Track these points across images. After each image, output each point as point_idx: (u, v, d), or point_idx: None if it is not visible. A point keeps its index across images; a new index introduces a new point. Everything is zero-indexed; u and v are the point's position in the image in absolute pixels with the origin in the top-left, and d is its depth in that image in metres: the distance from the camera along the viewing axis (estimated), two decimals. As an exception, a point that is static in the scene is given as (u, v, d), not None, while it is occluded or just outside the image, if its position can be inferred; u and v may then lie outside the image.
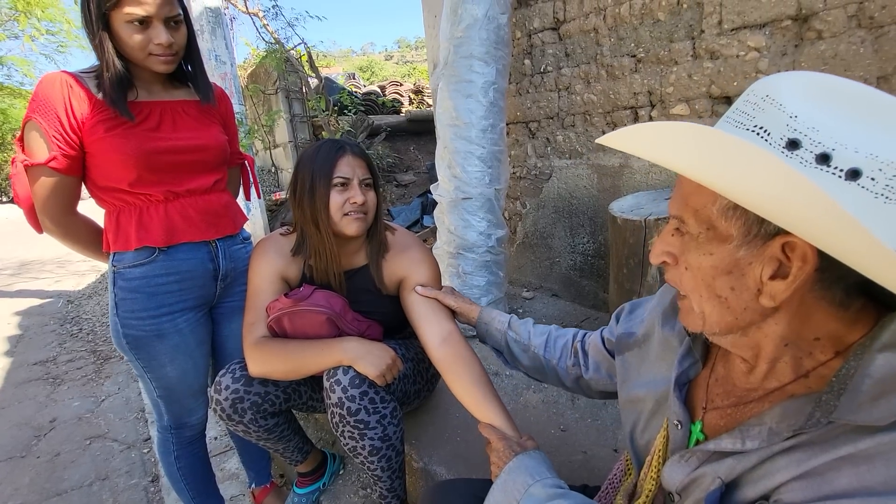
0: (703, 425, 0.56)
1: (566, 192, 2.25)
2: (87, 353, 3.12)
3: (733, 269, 0.45)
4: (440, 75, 1.96)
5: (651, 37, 1.74)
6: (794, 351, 0.47)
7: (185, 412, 1.27)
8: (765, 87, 0.42)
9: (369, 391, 1.06)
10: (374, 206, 1.16)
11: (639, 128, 0.44)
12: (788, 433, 0.43)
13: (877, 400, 0.39)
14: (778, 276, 0.43)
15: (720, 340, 0.52)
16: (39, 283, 5.07)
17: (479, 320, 1.07)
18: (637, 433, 0.68)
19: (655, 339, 0.69)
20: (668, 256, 0.50)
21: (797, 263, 0.41)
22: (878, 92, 0.39)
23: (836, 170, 0.37)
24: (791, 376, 0.48)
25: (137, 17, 0.98)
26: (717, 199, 0.44)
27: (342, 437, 1.08)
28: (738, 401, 0.53)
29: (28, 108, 1.02)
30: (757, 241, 0.43)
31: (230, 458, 1.87)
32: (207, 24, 3.40)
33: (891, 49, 1.21)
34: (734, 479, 0.47)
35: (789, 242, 0.41)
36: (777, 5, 1.38)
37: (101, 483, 1.83)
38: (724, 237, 0.44)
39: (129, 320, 1.13)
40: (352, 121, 4.70)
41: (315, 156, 1.12)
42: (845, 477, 0.38)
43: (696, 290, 0.48)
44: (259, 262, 1.20)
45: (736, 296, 0.46)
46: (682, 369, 0.59)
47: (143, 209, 1.10)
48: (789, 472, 0.42)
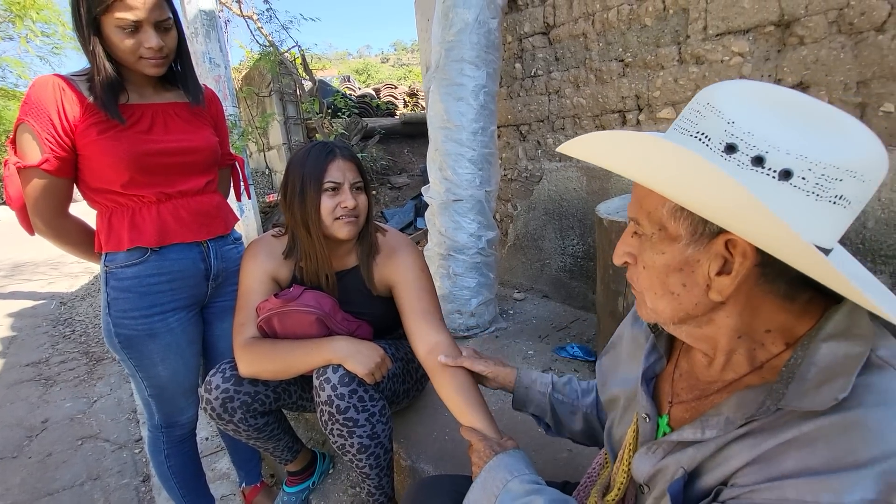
0: (669, 419, 0.59)
1: (556, 195, 2.27)
2: (79, 354, 3.11)
3: (684, 266, 0.48)
4: (432, 78, 1.98)
5: (638, 42, 1.77)
6: (748, 343, 0.50)
7: (175, 411, 1.28)
8: (707, 96, 0.45)
9: (358, 389, 1.07)
10: (365, 209, 1.17)
11: (592, 136, 0.47)
12: (742, 421, 0.45)
13: (820, 387, 0.41)
14: (723, 271, 0.46)
15: (676, 332, 0.54)
16: (32, 285, 5.06)
17: (517, 385, 0.96)
18: (613, 429, 0.70)
19: (626, 338, 0.72)
20: (629, 257, 0.53)
21: (738, 259, 0.44)
22: (809, 98, 0.42)
23: (770, 171, 0.40)
24: (747, 368, 0.51)
25: (128, 21, 0.99)
26: (665, 202, 0.47)
27: (331, 434, 1.09)
28: (701, 394, 0.56)
29: (20, 110, 1.03)
30: (703, 239, 0.46)
31: (221, 458, 1.88)
32: (202, 26, 3.41)
33: (870, 55, 1.24)
34: (695, 467, 0.49)
35: (731, 240, 0.44)
36: (760, 11, 1.41)
37: (92, 483, 1.84)
38: (674, 237, 0.47)
39: (121, 320, 1.14)
40: (346, 123, 4.72)
41: (305, 159, 1.12)
42: (791, 459, 0.41)
43: (651, 287, 0.51)
44: (250, 263, 1.21)
45: (687, 291, 0.48)
46: (648, 364, 0.62)
47: (135, 210, 1.12)
48: (743, 458, 0.44)
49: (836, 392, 0.40)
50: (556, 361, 1.76)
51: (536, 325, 2.10)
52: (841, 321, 0.44)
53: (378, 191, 4.72)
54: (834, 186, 0.40)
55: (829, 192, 0.40)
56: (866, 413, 0.39)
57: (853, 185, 0.40)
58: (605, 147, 0.47)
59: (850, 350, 0.42)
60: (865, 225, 1.29)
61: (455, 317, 2.01)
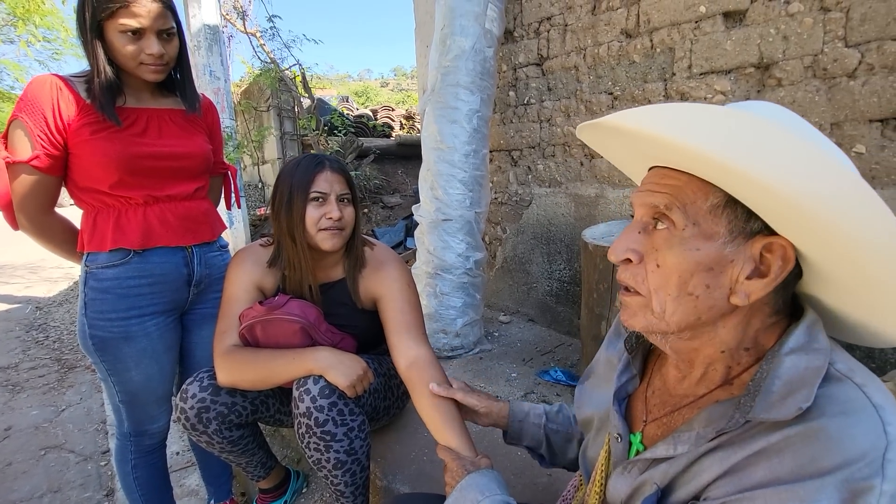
0: (642, 436, 0.59)
1: (545, 220, 2.31)
2: (51, 361, 3.02)
3: (715, 265, 0.46)
4: (427, 100, 2.03)
5: (627, 77, 1.85)
6: (727, 359, 0.50)
7: (146, 419, 1.24)
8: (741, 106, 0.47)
9: (338, 402, 1.06)
10: (351, 222, 1.17)
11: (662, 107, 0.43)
12: (713, 434, 0.46)
13: (785, 398, 0.42)
14: (754, 276, 0.45)
15: (663, 342, 0.52)
16: (9, 288, 4.92)
17: (511, 419, 0.92)
18: (587, 450, 0.70)
19: (601, 361, 0.72)
20: (633, 254, 0.50)
21: (778, 262, 0.44)
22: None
23: None
24: (719, 382, 0.51)
25: (131, 28, 1.01)
26: (709, 195, 0.45)
27: (307, 448, 1.07)
28: (672, 409, 0.56)
29: (15, 107, 1.04)
30: (740, 239, 0.45)
31: (191, 474, 1.81)
32: (205, 40, 3.48)
33: (842, 98, 1.31)
34: (668, 483, 0.50)
35: (770, 243, 0.44)
36: (741, 54, 1.49)
37: (52, 496, 1.75)
38: (709, 234, 0.46)
39: (97, 321, 1.12)
40: (342, 141, 4.78)
41: (295, 170, 1.14)
42: (761, 470, 0.41)
43: (665, 287, 0.48)
44: (235, 271, 1.21)
45: (709, 294, 0.46)
46: (620, 384, 0.62)
47: (121, 211, 1.11)
48: (714, 471, 0.45)
49: (799, 402, 0.41)
50: (538, 385, 1.75)
51: (521, 349, 2.10)
52: (801, 336, 0.45)
53: (370, 210, 4.75)
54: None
55: None
56: (828, 422, 0.40)
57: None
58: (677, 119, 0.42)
59: (810, 363, 0.43)
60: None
61: (440, 336, 2.00)
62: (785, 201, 0.39)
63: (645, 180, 0.52)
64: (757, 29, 1.45)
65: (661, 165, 0.50)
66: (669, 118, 0.43)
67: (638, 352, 0.63)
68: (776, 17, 1.40)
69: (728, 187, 0.44)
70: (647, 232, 0.49)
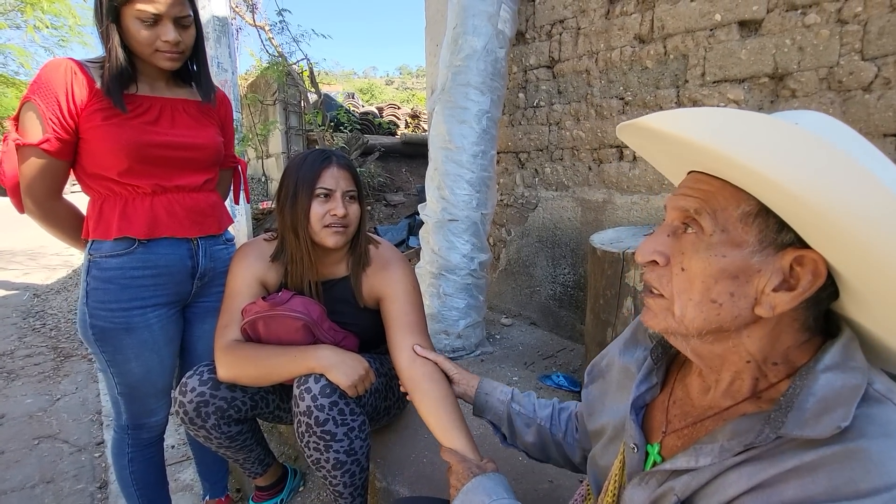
0: (661, 447, 0.58)
1: (550, 223, 2.30)
2: (47, 349, 3.00)
3: (740, 274, 0.45)
4: (437, 100, 2.02)
5: (639, 82, 1.84)
6: (754, 371, 0.49)
7: (145, 412, 1.23)
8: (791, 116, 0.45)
9: (339, 402, 1.04)
10: (356, 219, 1.16)
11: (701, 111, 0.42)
12: (739, 448, 0.45)
13: (820, 416, 0.41)
14: (781, 288, 0.44)
15: (686, 345, 0.52)
16: (7, 274, 4.90)
17: (478, 391, 0.98)
18: (597, 459, 0.68)
19: (616, 368, 0.70)
20: (660, 256, 0.50)
21: (808, 277, 0.43)
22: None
23: None
24: (747, 395, 0.50)
25: (148, 14, 1.00)
26: (740, 203, 0.45)
27: (307, 447, 1.05)
28: (694, 420, 0.55)
29: (28, 89, 1.03)
30: (770, 250, 0.44)
31: (186, 468, 1.80)
32: (213, 31, 3.46)
33: (857, 112, 1.30)
34: (689, 496, 0.48)
35: (801, 256, 0.43)
36: (756, 63, 1.48)
37: (44, 486, 1.74)
38: (738, 242, 0.45)
39: (98, 311, 1.10)
40: (346, 138, 4.76)
41: (301, 164, 1.13)
42: (792, 488, 0.40)
43: (688, 292, 0.47)
44: (239, 266, 1.19)
45: (733, 302, 0.46)
46: (639, 393, 0.61)
47: (128, 199, 1.10)
48: (740, 486, 0.43)
49: (837, 421, 0.39)
50: (540, 390, 1.74)
51: (522, 352, 2.09)
52: (838, 353, 0.44)
53: (373, 207, 4.74)
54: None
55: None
56: (869, 444, 0.39)
57: None
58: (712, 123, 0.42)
59: (847, 381, 0.42)
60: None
61: (441, 337, 1.99)
62: (819, 215, 0.38)
63: (681, 184, 0.51)
64: (772, 39, 1.44)
65: (698, 171, 0.50)
66: (704, 122, 0.42)
67: (663, 362, 0.62)
68: (792, 28, 1.40)
69: (761, 196, 0.43)
70: (676, 235, 0.49)
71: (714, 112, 0.41)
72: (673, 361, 0.63)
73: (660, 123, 0.46)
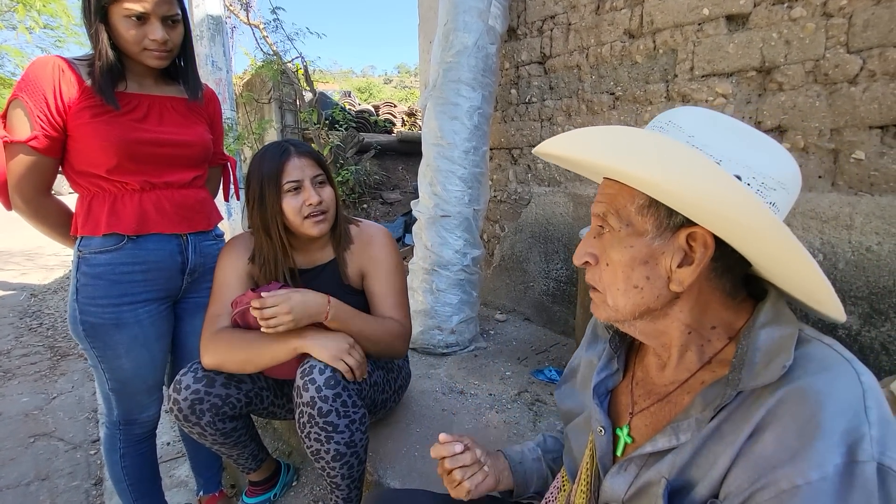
0: (629, 429, 0.59)
1: (543, 219, 2.30)
2: (43, 348, 3.00)
3: (649, 259, 0.52)
4: (429, 96, 2.02)
5: (629, 77, 1.84)
6: (697, 339, 0.55)
7: (136, 408, 1.23)
8: (668, 116, 0.53)
9: (343, 393, 1.05)
10: (332, 202, 1.16)
11: (575, 133, 0.51)
12: (711, 414, 0.49)
13: (768, 365, 0.46)
14: (684, 263, 0.51)
15: (632, 329, 0.57)
16: (4, 275, 4.90)
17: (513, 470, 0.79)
18: (571, 450, 0.70)
19: (582, 364, 0.74)
20: (590, 257, 0.56)
21: (700, 249, 0.49)
22: (742, 122, 0.51)
23: None
24: (697, 364, 0.55)
25: (136, 12, 1.01)
26: (634, 198, 0.52)
27: (307, 438, 1.06)
28: (658, 398, 0.58)
29: (16, 86, 1.03)
30: (667, 233, 0.51)
31: (181, 465, 1.80)
32: (207, 30, 3.46)
33: (843, 104, 1.31)
34: (679, 475, 0.50)
35: (692, 233, 0.50)
36: (743, 57, 1.48)
37: (39, 483, 1.74)
38: (641, 232, 0.52)
39: (88, 307, 1.11)
40: (342, 136, 4.76)
41: (262, 162, 1.12)
42: (770, 443, 0.44)
43: (614, 282, 0.54)
44: (227, 258, 1.21)
45: (650, 284, 0.52)
46: (599, 379, 0.65)
47: (117, 196, 1.11)
48: (727, 458, 0.46)
49: (782, 362, 0.45)
50: (532, 384, 1.75)
51: (516, 347, 2.10)
52: (770, 311, 0.51)
53: (370, 205, 4.74)
54: (770, 194, 0.47)
55: (767, 199, 0.47)
56: (813, 379, 0.44)
57: (783, 195, 0.48)
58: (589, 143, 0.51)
59: (783, 332, 0.48)
60: (836, 266, 1.33)
61: (435, 333, 2.00)
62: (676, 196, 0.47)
63: (598, 192, 0.58)
64: (759, 33, 1.44)
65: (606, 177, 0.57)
66: (580, 140, 0.52)
67: (622, 349, 0.66)
68: (779, 22, 1.40)
69: (643, 190, 0.50)
70: (599, 237, 0.56)
71: (585, 132, 0.50)
72: (631, 348, 0.67)
73: (548, 148, 0.54)
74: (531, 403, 1.61)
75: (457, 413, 1.56)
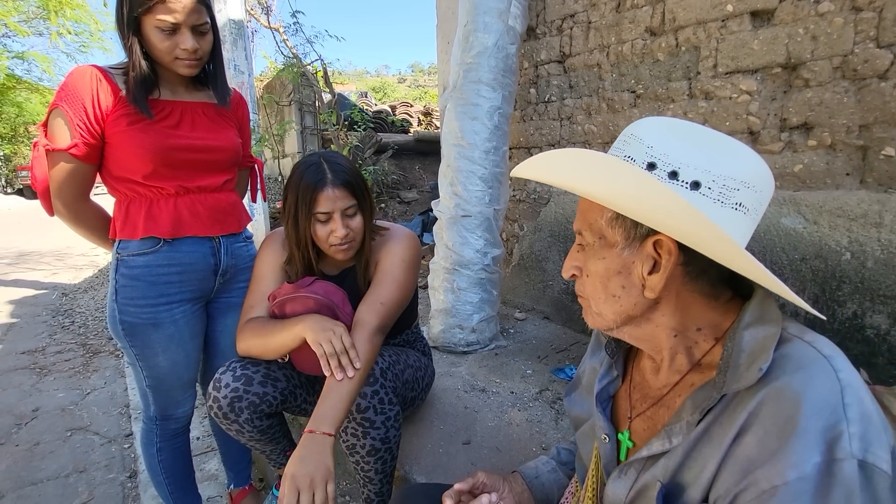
0: (630, 433, 0.61)
1: (563, 218, 2.30)
2: (76, 345, 3.12)
3: (622, 269, 0.54)
4: (449, 97, 2.04)
5: (650, 75, 1.83)
6: (684, 341, 0.56)
7: (171, 404, 1.28)
8: (629, 129, 0.55)
9: (380, 391, 1.09)
10: (360, 231, 1.18)
11: (541, 157, 0.54)
12: (699, 417, 0.50)
13: (749, 367, 0.47)
14: (654, 271, 0.52)
15: (621, 334, 0.59)
16: (36, 275, 5.08)
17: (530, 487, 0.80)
18: (581, 456, 0.72)
19: (587, 371, 0.75)
20: (576, 269, 0.59)
21: (665, 256, 0.51)
22: (706, 128, 0.52)
23: (683, 182, 0.49)
24: (687, 366, 0.56)
25: (167, 23, 1.04)
26: (603, 213, 0.54)
27: (344, 433, 1.09)
28: (653, 401, 0.59)
29: (56, 96, 1.07)
30: (635, 243, 0.53)
31: (210, 459, 1.86)
32: (230, 35, 3.53)
33: (872, 100, 1.28)
34: (673, 478, 0.51)
35: (658, 240, 0.51)
36: (768, 53, 1.46)
37: (77, 475, 1.82)
38: (612, 243, 0.54)
39: (128, 307, 1.16)
40: (360, 136, 4.81)
41: (299, 183, 1.14)
42: (751, 444, 0.44)
43: (595, 293, 0.57)
44: (265, 253, 1.26)
45: (626, 293, 0.54)
46: (601, 386, 0.66)
47: (153, 201, 1.15)
48: (714, 461, 0.47)
49: (760, 364, 0.46)
50: (553, 382, 1.76)
51: (536, 346, 2.10)
52: (755, 311, 0.51)
53: (387, 204, 4.78)
54: (734, 195, 0.48)
55: (731, 200, 0.48)
56: (790, 379, 0.45)
57: (749, 195, 0.49)
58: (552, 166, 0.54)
59: (766, 332, 0.49)
60: (865, 265, 1.31)
61: (456, 331, 2.02)
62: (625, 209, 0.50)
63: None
64: (785, 28, 1.42)
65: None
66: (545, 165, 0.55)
67: (619, 354, 0.67)
68: (805, 17, 1.38)
69: (606, 204, 0.53)
70: (582, 250, 0.59)
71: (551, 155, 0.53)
72: (629, 353, 0.68)
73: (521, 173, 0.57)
74: (552, 402, 1.62)
75: (479, 411, 1.58)
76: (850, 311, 1.35)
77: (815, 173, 1.42)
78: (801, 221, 1.42)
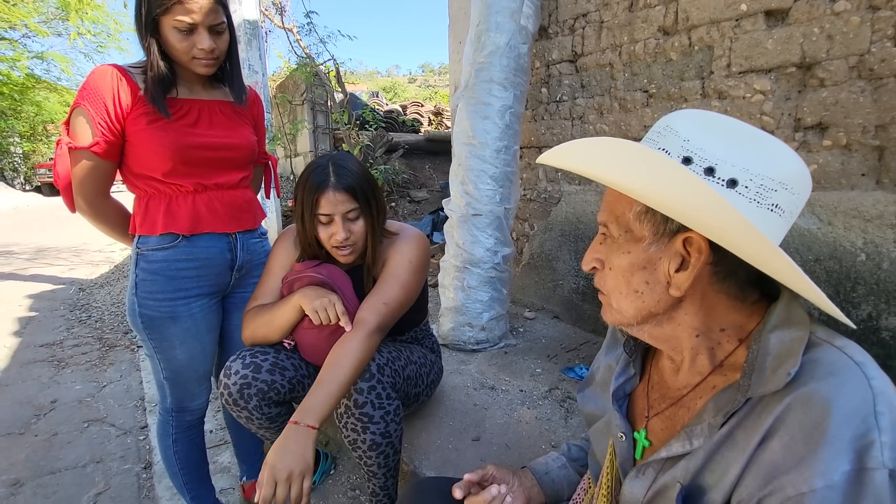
0: (647, 432, 0.60)
1: (573, 217, 2.30)
2: (93, 339, 3.18)
3: (647, 264, 0.52)
4: (460, 96, 2.05)
5: (663, 74, 1.83)
6: (706, 341, 0.54)
7: (187, 396, 1.31)
8: (665, 121, 0.53)
9: (377, 386, 1.11)
10: (361, 236, 1.19)
11: (572, 144, 0.51)
12: (722, 420, 0.49)
13: (776, 370, 0.45)
14: (681, 268, 0.51)
15: (640, 333, 0.58)
16: (53, 270, 5.19)
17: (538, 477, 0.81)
18: (594, 453, 0.72)
19: (602, 368, 0.74)
20: (597, 262, 0.57)
21: (695, 255, 0.50)
22: (745, 123, 0.50)
23: (720, 179, 0.47)
24: (709, 367, 0.54)
25: (185, 23, 1.06)
26: (632, 206, 0.52)
27: (344, 428, 1.11)
28: (672, 401, 0.58)
29: (78, 95, 1.10)
30: (663, 238, 0.51)
31: (223, 451, 1.90)
32: (244, 35, 3.58)
33: (889, 100, 1.27)
34: (693, 480, 0.50)
35: (688, 238, 0.49)
36: (782, 53, 1.45)
37: (94, 465, 1.86)
38: (639, 238, 0.53)
39: (147, 301, 1.19)
40: (372, 136, 4.85)
41: (305, 185, 1.17)
42: (778, 451, 0.43)
43: (617, 287, 0.55)
44: (279, 248, 1.30)
45: (650, 289, 0.53)
46: (618, 384, 0.65)
47: (172, 197, 1.17)
48: (738, 465, 0.46)
49: (787, 369, 0.44)
50: (563, 381, 1.76)
51: (546, 345, 2.11)
52: (782, 313, 0.50)
53: (397, 203, 4.81)
54: (771, 196, 0.47)
55: (768, 200, 0.47)
56: (819, 385, 0.43)
57: (786, 196, 0.47)
58: (583, 154, 0.52)
59: (793, 335, 0.47)
60: (880, 266, 1.30)
61: (465, 329, 2.03)
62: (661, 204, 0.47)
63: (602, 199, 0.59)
64: (800, 28, 1.41)
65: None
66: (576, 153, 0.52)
67: (637, 353, 0.66)
68: (821, 16, 1.37)
69: (636, 197, 0.51)
70: (604, 243, 0.57)
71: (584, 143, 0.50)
72: (647, 351, 0.67)
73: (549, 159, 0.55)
74: (562, 400, 1.63)
75: (488, 408, 1.59)
76: (864, 312, 1.33)
77: (829, 174, 1.41)
78: (816, 222, 1.41)
